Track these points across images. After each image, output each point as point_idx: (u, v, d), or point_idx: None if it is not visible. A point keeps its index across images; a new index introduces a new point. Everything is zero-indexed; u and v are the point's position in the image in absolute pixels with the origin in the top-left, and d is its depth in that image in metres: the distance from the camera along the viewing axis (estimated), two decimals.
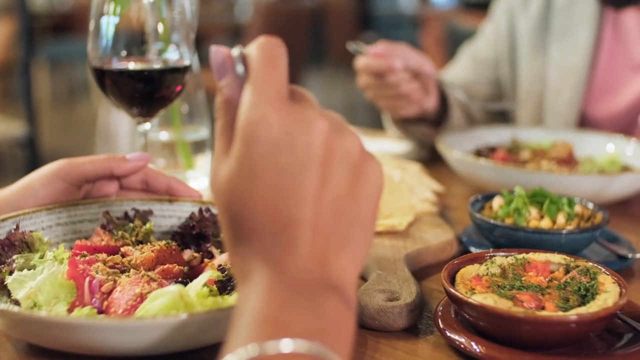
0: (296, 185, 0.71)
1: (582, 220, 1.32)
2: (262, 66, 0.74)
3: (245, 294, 0.71)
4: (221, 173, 0.73)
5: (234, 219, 0.72)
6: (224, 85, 0.77)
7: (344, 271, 0.73)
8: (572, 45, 2.12)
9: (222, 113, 0.77)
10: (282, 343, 0.64)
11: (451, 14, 8.16)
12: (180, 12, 1.37)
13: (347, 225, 0.74)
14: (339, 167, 0.73)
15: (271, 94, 0.73)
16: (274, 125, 0.71)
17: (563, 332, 0.93)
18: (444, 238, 1.34)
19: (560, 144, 1.86)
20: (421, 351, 1.01)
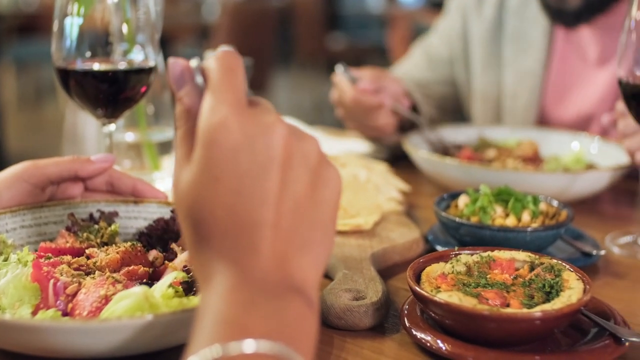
0: (257, 187, 0.72)
1: (547, 218, 1.33)
2: (221, 75, 0.76)
3: (208, 296, 0.71)
4: (183, 179, 0.74)
5: (196, 223, 0.73)
6: (183, 95, 0.78)
7: (306, 273, 0.74)
8: (526, 47, 2.14)
9: (182, 122, 0.78)
10: (245, 343, 0.64)
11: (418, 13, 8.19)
12: (144, 12, 1.37)
13: (307, 228, 0.74)
14: (299, 170, 0.74)
15: (230, 99, 0.74)
16: (234, 129, 0.72)
17: (528, 328, 0.94)
18: (410, 237, 1.35)
19: (526, 142, 1.88)
20: (387, 350, 1.01)
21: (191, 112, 0.77)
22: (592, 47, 2.08)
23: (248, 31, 7.07)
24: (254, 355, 0.64)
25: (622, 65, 1.38)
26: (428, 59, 2.34)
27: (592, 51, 2.08)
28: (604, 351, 0.95)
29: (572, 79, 2.13)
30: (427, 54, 2.35)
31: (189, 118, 0.77)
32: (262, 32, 7.24)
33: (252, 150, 0.72)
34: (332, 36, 10.34)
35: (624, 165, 1.64)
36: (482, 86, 2.25)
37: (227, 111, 0.73)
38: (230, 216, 0.71)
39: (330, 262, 1.22)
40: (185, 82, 0.78)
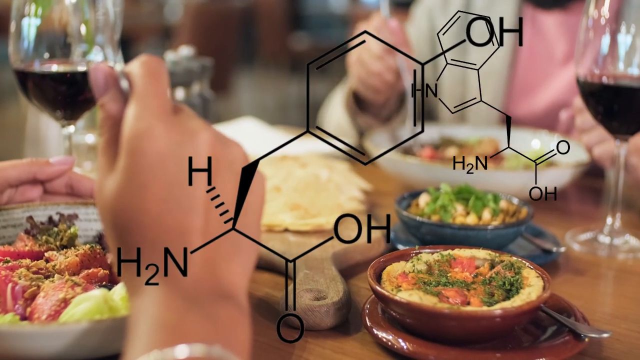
0: (184, 195, 0.71)
1: (507, 216, 1.34)
2: (145, 81, 0.75)
3: (140, 305, 0.71)
4: (107, 188, 0.73)
5: (123, 233, 0.72)
6: (106, 101, 0.76)
7: (234, 278, 0.74)
8: (491, 48, 2.15)
9: (106, 129, 0.76)
10: (179, 349, 0.64)
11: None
12: (103, 13, 1.36)
13: (235, 234, 0.75)
14: (225, 176, 0.74)
15: (155, 106, 0.73)
16: (159, 136, 0.71)
17: (488, 326, 0.94)
18: (372, 236, 1.35)
19: (486, 140, 1.89)
20: (349, 349, 1.01)
21: (114, 118, 0.75)
22: (560, 45, 2.10)
23: (211, 32, 7.06)
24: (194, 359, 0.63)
25: (580, 63, 1.39)
26: None
27: (559, 49, 2.10)
28: (564, 347, 0.95)
29: (538, 76, 2.14)
30: None
31: (113, 125, 0.75)
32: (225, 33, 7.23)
33: (179, 157, 0.72)
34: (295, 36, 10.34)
35: (584, 163, 1.66)
36: (449, 84, 2.26)
37: (152, 118, 0.72)
38: (158, 224, 0.71)
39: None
40: (108, 87, 0.76)
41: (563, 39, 2.09)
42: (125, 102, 0.76)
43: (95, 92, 0.77)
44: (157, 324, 0.67)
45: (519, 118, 2.16)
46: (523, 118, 2.16)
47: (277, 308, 1.09)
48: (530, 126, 2.11)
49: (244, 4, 8.95)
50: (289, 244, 1.29)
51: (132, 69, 0.76)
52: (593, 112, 1.41)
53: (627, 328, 1.09)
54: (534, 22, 2.15)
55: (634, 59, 1.36)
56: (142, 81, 0.75)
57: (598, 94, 1.38)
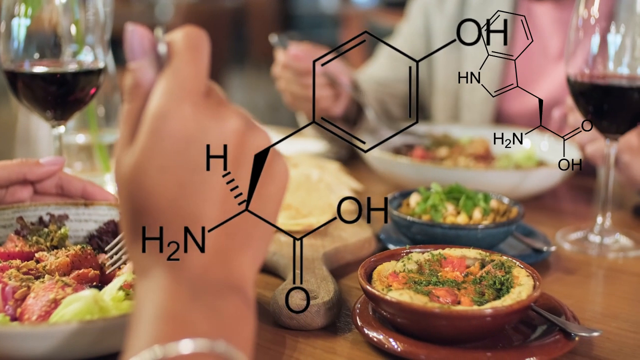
0: (205, 182, 0.69)
1: (498, 215, 1.34)
2: (185, 55, 0.71)
3: (145, 289, 0.69)
4: (125, 163, 0.70)
5: (137, 212, 0.70)
6: (137, 67, 0.72)
7: (245, 270, 0.73)
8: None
9: (131, 97, 0.72)
10: (183, 344, 0.63)
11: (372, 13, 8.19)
12: (94, 13, 1.36)
13: (251, 225, 0.73)
14: (249, 166, 0.72)
15: (190, 86, 0.70)
16: (188, 119, 0.69)
17: (479, 325, 0.94)
18: (362, 236, 1.35)
19: (477, 140, 1.89)
20: (340, 349, 1.01)
21: (142, 88, 0.71)
22: (554, 42, 2.10)
23: None
24: (195, 354, 0.63)
25: (570, 62, 1.39)
26: (392, 59, 2.35)
27: (553, 45, 2.10)
28: (554, 346, 0.96)
29: (532, 73, 2.15)
30: (390, 55, 2.37)
31: (139, 95, 0.71)
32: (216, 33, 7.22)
33: (202, 143, 0.69)
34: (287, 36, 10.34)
35: (574, 162, 1.66)
36: (443, 80, 2.26)
37: (182, 99, 0.69)
38: (173, 209, 0.69)
39: (283, 262, 1.22)
40: (143, 53, 0.72)
41: (557, 35, 2.10)
42: (158, 71, 0.72)
43: (128, 55, 0.72)
44: (160, 312, 0.66)
45: (514, 114, 2.17)
46: (517, 114, 2.16)
47: (267, 308, 1.09)
48: (525, 123, 2.11)
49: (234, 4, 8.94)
50: (280, 244, 1.29)
51: (174, 38, 0.72)
52: (583, 111, 1.41)
53: (617, 327, 1.10)
54: (529, 18, 2.15)
55: (624, 58, 1.36)
56: (182, 54, 0.71)
57: (588, 94, 1.39)
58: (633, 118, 1.39)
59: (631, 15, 1.35)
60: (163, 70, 0.71)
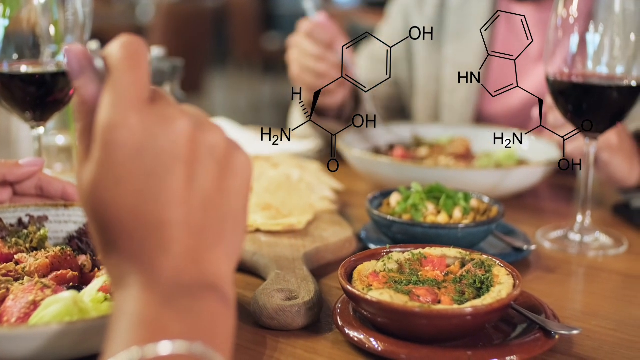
0: (162, 187, 0.69)
1: (478, 214, 1.34)
2: (123, 66, 0.71)
3: (121, 299, 0.69)
4: (84, 178, 0.71)
5: (102, 225, 0.70)
6: (79, 85, 0.73)
7: (220, 268, 0.72)
8: (466, 44, 2.16)
9: (81, 115, 0.73)
10: (163, 345, 0.63)
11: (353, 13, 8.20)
12: (73, 14, 1.35)
13: (218, 221, 0.73)
14: (205, 163, 0.72)
15: (132, 95, 0.70)
16: (135, 128, 0.69)
17: (459, 324, 0.94)
18: (343, 236, 1.35)
19: (458, 139, 1.89)
20: (321, 349, 1.01)
21: (90, 104, 0.72)
22: (534, 42, 2.11)
23: (183, 32, 7.04)
24: (172, 356, 0.63)
25: (549, 62, 1.40)
26: (373, 61, 2.36)
27: (533, 45, 2.11)
28: (534, 345, 0.96)
29: (511, 75, 2.15)
30: (371, 57, 2.37)
31: (88, 111, 0.72)
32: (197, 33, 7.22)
33: (155, 149, 0.69)
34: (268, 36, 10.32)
35: (554, 161, 1.67)
36: (423, 82, 2.27)
37: (128, 108, 0.69)
38: (136, 218, 0.69)
39: (263, 262, 1.22)
40: (81, 70, 0.73)
41: (537, 35, 2.10)
42: (100, 85, 0.72)
43: (70, 75, 0.73)
44: (135, 320, 0.66)
45: (494, 115, 2.17)
46: (498, 115, 2.17)
47: (248, 309, 1.09)
48: (505, 123, 2.12)
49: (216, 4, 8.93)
50: (260, 244, 1.29)
51: (110, 51, 0.73)
52: (562, 110, 1.42)
53: (597, 325, 1.10)
54: (508, 20, 2.16)
55: (603, 58, 1.37)
56: (119, 65, 0.71)
57: (567, 93, 1.39)
58: (612, 117, 1.40)
59: (610, 15, 1.36)
60: (104, 84, 0.72)
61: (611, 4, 1.36)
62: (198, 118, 0.73)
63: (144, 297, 0.68)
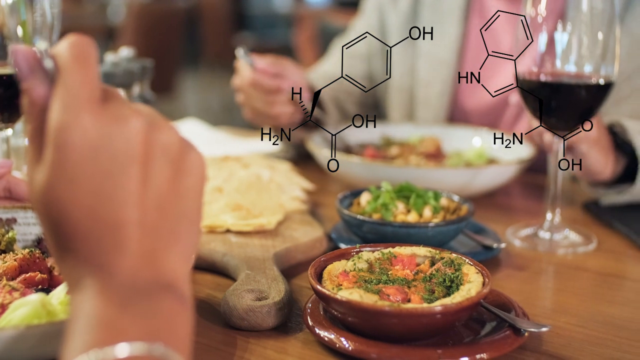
0: (117, 187, 0.69)
1: (448, 213, 1.35)
2: (73, 66, 0.70)
3: (78, 301, 0.69)
4: (36, 180, 0.70)
5: (56, 227, 0.69)
6: (28, 86, 0.71)
7: (175, 268, 0.72)
8: (440, 39, 2.17)
9: (31, 117, 0.72)
10: (119, 347, 0.63)
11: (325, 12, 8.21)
12: (41, 14, 1.34)
13: (174, 221, 0.72)
14: (159, 163, 0.71)
15: (82, 95, 0.69)
16: (89, 128, 0.68)
17: (429, 323, 0.95)
18: (313, 235, 1.35)
19: (428, 138, 1.90)
20: (291, 349, 1.01)
21: (40, 105, 0.71)
22: (506, 38, 2.11)
23: (154, 32, 7.01)
24: (132, 358, 0.62)
25: (519, 61, 1.40)
26: (347, 56, 2.36)
27: (505, 41, 2.11)
28: (504, 342, 0.96)
29: (485, 69, 2.16)
30: (345, 52, 2.37)
31: (39, 112, 0.71)
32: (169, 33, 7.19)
33: (110, 149, 0.69)
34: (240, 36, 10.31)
35: (524, 160, 1.67)
36: (398, 76, 2.27)
37: (79, 109, 0.68)
38: (91, 218, 0.68)
39: (233, 263, 1.22)
40: (30, 71, 0.72)
41: (509, 31, 2.11)
42: (50, 86, 0.71)
43: (19, 76, 0.72)
44: (93, 322, 0.65)
45: (469, 110, 2.18)
46: (471, 110, 2.17)
47: (218, 309, 1.09)
48: (478, 118, 2.13)
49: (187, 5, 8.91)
50: (230, 245, 1.28)
51: (58, 51, 0.71)
52: (532, 109, 1.43)
53: (566, 322, 1.11)
54: (481, 15, 2.16)
55: (571, 56, 1.38)
56: (69, 65, 0.70)
57: (536, 92, 1.40)
58: (581, 115, 1.41)
59: (578, 14, 1.37)
60: (54, 85, 0.71)
61: (579, 3, 1.36)
62: (151, 117, 0.73)
63: (101, 299, 0.67)
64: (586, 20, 1.36)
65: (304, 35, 6.66)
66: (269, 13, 11.86)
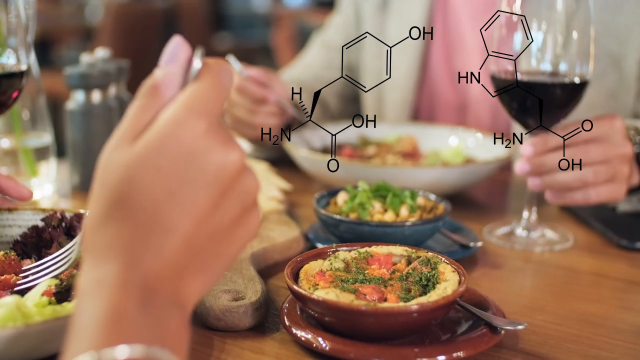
0: (190, 196, 0.70)
1: (424, 212, 1.35)
2: (214, 81, 0.74)
3: (94, 276, 0.68)
4: (122, 154, 0.70)
5: (116, 200, 0.69)
6: (163, 69, 0.75)
7: (192, 294, 0.73)
8: (407, 25, 2.17)
9: (145, 95, 0.74)
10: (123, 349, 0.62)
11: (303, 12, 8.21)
12: (15, 15, 1.33)
13: (214, 255, 0.73)
14: (233, 201, 0.73)
15: (208, 106, 0.72)
16: (198, 135, 0.70)
17: (405, 322, 0.95)
18: (290, 235, 1.35)
19: (405, 138, 1.90)
20: (268, 349, 1.01)
21: (159, 90, 0.74)
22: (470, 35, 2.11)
23: (132, 33, 6.99)
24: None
25: (493, 59, 1.41)
26: (324, 47, 2.36)
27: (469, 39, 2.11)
28: (480, 340, 0.97)
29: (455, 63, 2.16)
30: (324, 45, 2.38)
31: (154, 95, 0.73)
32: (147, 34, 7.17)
33: (204, 162, 0.70)
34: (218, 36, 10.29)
35: (501, 158, 1.68)
36: (371, 62, 2.27)
37: (201, 115, 0.71)
38: (154, 212, 0.69)
39: None
40: (174, 59, 0.75)
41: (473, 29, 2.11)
42: (181, 83, 0.75)
43: (162, 57, 0.75)
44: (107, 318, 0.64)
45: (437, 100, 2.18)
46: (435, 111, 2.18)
47: (195, 310, 1.09)
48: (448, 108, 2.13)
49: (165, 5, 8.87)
50: None
51: (211, 62, 0.76)
52: (507, 107, 1.43)
53: (542, 319, 1.11)
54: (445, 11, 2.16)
55: (546, 55, 1.38)
56: (211, 77, 0.74)
57: (512, 91, 1.40)
58: (556, 114, 1.41)
59: (552, 13, 1.37)
60: (186, 84, 0.74)
61: (554, 2, 1.37)
62: (247, 159, 0.75)
63: (122, 289, 0.67)
64: (561, 20, 1.37)
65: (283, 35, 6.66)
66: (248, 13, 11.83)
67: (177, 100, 0.72)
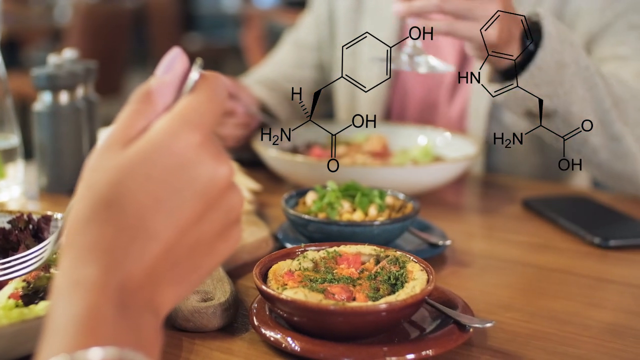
0: (177, 207, 0.70)
1: (393, 211, 1.35)
2: (210, 94, 0.74)
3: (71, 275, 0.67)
4: (113, 159, 0.70)
5: (102, 202, 0.69)
6: (159, 77, 0.75)
7: (167, 303, 0.72)
8: (382, 21, 2.17)
9: (138, 100, 0.74)
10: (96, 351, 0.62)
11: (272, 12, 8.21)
12: None
13: (192, 267, 0.73)
14: (218, 216, 0.73)
15: (202, 120, 0.72)
16: (190, 146, 0.70)
17: (374, 321, 0.95)
18: (259, 235, 1.35)
19: (374, 137, 1.90)
20: (237, 349, 1.01)
21: (152, 97, 0.74)
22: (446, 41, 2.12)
23: (101, 33, 6.95)
24: None
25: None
26: (295, 46, 2.36)
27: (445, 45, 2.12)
28: (449, 338, 0.97)
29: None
30: (295, 44, 2.38)
31: (146, 102, 0.74)
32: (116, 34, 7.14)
33: (194, 174, 0.70)
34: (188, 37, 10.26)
35: (470, 157, 1.69)
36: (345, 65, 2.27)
37: (195, 127, 0.71)
38: (140, 218, 0.69)
39: None
40: (171, 69, 0.75)
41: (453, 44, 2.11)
42: (176, 93, 0.75)
43: (159, 66, 0.75)
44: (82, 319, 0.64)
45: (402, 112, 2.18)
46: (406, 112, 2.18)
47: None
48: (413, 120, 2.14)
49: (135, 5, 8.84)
50: None
51: (210, 75, 0.76)
52: None
53: (510, 317, 1.12)
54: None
55: None
56: (207, 90, 0.74)
57: None
58: None
59: None
60: (181, 95, 0.74)
61: None
62: (235, 175, 0.76)
63: (100, 294, 0.66)
64: None
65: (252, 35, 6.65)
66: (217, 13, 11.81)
67: (173, 111, 0.72)
